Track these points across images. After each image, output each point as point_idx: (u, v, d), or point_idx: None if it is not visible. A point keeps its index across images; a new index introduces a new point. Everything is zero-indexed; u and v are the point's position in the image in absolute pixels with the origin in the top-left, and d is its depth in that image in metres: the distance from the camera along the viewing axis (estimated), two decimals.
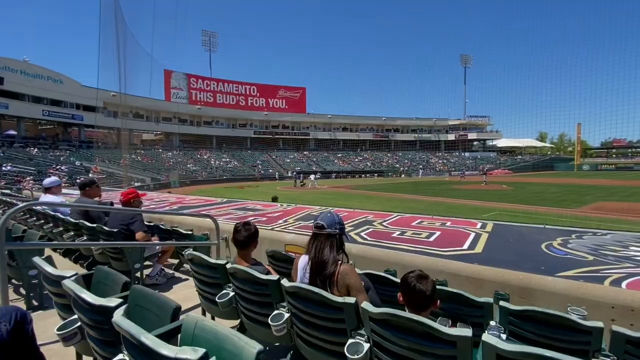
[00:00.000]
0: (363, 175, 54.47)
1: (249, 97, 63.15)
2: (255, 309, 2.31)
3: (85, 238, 4.21)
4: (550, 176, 47.31)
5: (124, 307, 1.52)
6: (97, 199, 5.01)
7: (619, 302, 2.80)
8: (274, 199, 10.20)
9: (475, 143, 77.46)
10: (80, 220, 4.22)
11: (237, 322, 2.66)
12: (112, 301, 1.57)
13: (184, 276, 4.45)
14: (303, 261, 2.10)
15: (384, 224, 6.27)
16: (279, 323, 1.99)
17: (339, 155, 65.76)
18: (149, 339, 1.16)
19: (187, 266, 4.44)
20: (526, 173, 56.46)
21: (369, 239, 5.07)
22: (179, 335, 1.49)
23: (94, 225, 4.06)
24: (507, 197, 20.89)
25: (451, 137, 73.62)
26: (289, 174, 47.85)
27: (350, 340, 1.73)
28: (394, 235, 5.33)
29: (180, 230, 4.79)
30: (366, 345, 1.68)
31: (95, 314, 1.63)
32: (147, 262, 4.39)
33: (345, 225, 2.17)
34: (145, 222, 4.52)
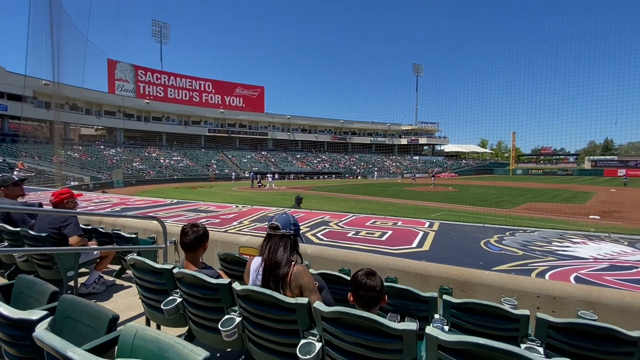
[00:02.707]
0: (321, 177, 55.02)
1: (203, 93, 60.47)
2: (204, 315, 2.21)
3: (5, 244, 3.70)
4: (489, 179, 51.84)
5: (48, 319, 1.36)
6: (20, 199, 4.44)
7: (543, 291, 3.14)
8: (299, 201, 9.44)
9: (425, 147, 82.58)
10: (0, 224, 3.70)
11: (185, 329, 2.52)
12: (34, 314, 1.40)
13: (126, 283, 4.11)
14: (256, 263, 2.06)
15: (339, 224, 6.38)
16: (229, 328, 1.92)
17: (298, 156, 65.70)
18: (77, 354, 1.05)
19: (130, 272, 4.11)
20: (469, 176, 61.26)
21: (325, 239, 5.12)
22: (116, 348, 1.38)
23: (17, 229, 3.59)
24: (452, 198, 22.47)
25: (404, 141, 77.65)
26: (246, 175, 46.68)
27: (302, 341, 1.73)
28: (349, 235, 5.45)
29: (123, 234, 4.42)
30: (318, 345, 1.69)
31: (14, 328, 1.44)
32: (83, 270, 3.99)
33: (302, 226, 2.19)
34: (82, 225, 4.11)
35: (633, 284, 3.27)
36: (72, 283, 3.57)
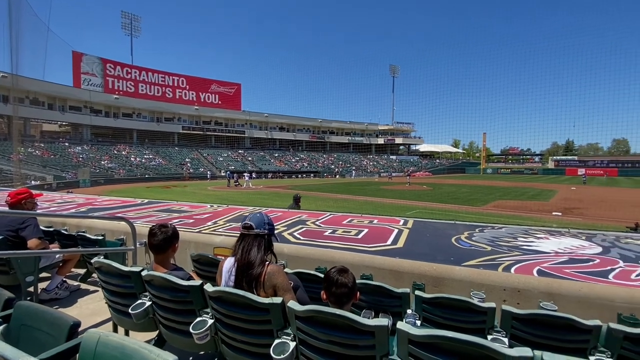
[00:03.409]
0: (299, 176, 54.87)
1: (177, 90, 58.46)
2: (175, 318, 2.14)
3: None
4: (461, 178, 53.82)
5: (1, 328, 1.26)
6: None
7: (508, 285, 3.31)
8: (297, 200, 9.03)
9: (401, 147, 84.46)
10: None
11: (154, 333, 2.43)
12: None
13: (92, 288, 3.91)
14: (228, 264, 2.02)
15: (317, 223, 6.39)
16: (201, 330, 1.87)
17: (276, 155, 65.15)
18: None
19: (96, 276, 3.91)
20: (443, 175, 63.26)
21: (301, 238, 5.11)
22: (77, 356, 1.30)
23: None
24: (426, 196, 23.13)
25: (381, 141, 79.04)
26: (222, 173, 45.72)
27: (276, 341, 1.72)
28: (326, 233, 5.47)
29: (88, 236, 4.20)
30: (292, 344, 1.68)
31: None
32: (44, 274, 3.76)
33: (279, 225, 2.16)
34: (43, 227, 3.86)
35: (589, 276, 3.50)
36: (31, 289, 3.35)
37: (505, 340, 2.10)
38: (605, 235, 5.48)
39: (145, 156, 49.55)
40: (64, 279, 3.79)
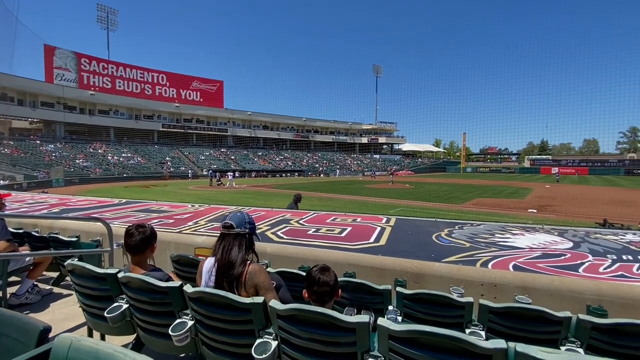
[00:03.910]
0: (284, 175, 54.57)
1: (156, 86, 56.80)
2: (153, 320, 2.09)
3: None
4: (442, 177, 55.07)
5: None
6: None
7: (486, 280, 3.42)
8: (297, 199, 8.72)
9: (384, 146, 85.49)
10: None
11: (132, 337, 2.37)
12: None
13: (65, 291, 3.76)
14: (208, 264, 1.98)
15: (300, 222, 6.38)
16: (181, 332, 1.83)
17: (260, 153, 64.50)
18: None
19: (69, 279, 3.76)
20: (424, 174, 64.50)
21: (285, 237, 5.09)
22: None
23: None
24: (409, 194, 23.53)
25: (364, 140, 79.75)
26: (204, 172, 44.86)
27: (258, 341, 1.71)
28: (310, 232, 5.47)
29: (61, 237, 4.03)
30: (274, 343, 1.68)
31: None
32: (14, 278, 3.58)
33: (262, 225, 2.13)
34: (12, 229, 3.67)
35: (561, 269, 3.67)
36: (0, 294, 3.19)
37: (482, 333, 2.16)
38: (576, 231, 5.75)
39: (123, 155, 47.94)
40: (35, 283, 3.62)
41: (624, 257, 4.15)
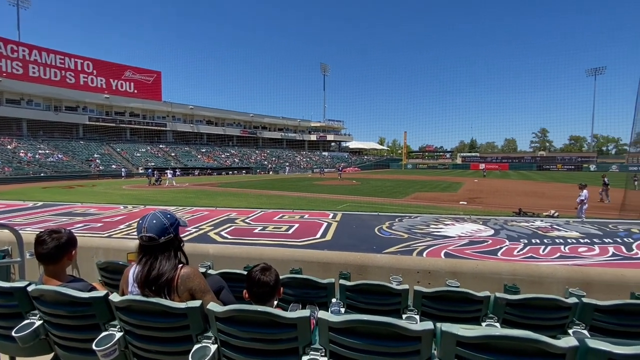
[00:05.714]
0: (230, 172, 52.62)
1: (81, 74, 50.44)
2: (75, 336, 1.87)
3: None
4: (386, 173, 58.11)
5: None
6: None
7: (421, 267, 3.69)
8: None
9: (332, 144, 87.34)
10: None
11: (49, 356, 2.09)
12: None
13: None
14: (135, 270, 1.81)
15: (246, 220, 6.23)
16: (107, 346, 1.67)
17: (203, 150, 61.22)
18: None
19: None
20: (370, 170, 67.41)
21: (229, 237, 4.93)
22: None
23: None
24: (356, 190, 24.36)
25: (313, 137, 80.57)
26: (140, 171, 41.27)
27: (196, 346, 1.63)
28: (256, 231, 5.37)
29: None
30: (213, 347, 1.61)
31: None
32: None
33: (205, 225, 1.99)
34: None
35: (484, 254, 4.11)
36: None
37: (417, 317, 2.34)
38: (496, 219, 6.50)
39: (40, 151, 41.89)
40: None
41: (534, 241, 4.80)
